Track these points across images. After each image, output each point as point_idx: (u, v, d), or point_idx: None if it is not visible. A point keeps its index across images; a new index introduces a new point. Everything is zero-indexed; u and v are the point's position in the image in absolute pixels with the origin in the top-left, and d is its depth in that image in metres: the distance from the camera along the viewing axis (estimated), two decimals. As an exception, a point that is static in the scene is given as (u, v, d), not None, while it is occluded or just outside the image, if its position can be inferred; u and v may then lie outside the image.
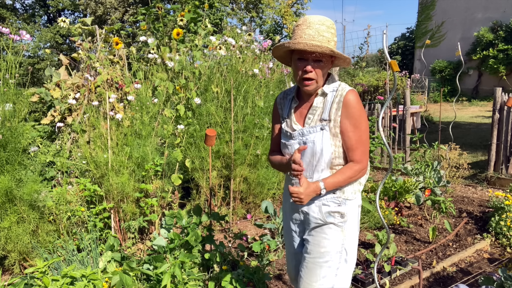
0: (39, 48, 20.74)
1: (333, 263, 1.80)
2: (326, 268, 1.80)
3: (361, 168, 1.75)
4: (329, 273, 1.80)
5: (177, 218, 2.98)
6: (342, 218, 1.80)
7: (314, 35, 1.68)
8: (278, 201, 4.93)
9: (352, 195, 1.81)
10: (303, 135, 1.80)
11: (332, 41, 1.71)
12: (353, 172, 1.74)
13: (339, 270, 1.81)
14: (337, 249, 1.80)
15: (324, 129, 1.74)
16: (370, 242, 3.78)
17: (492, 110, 5.81)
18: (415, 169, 4.96)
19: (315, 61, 1.71)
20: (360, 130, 1.73)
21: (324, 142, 1.74)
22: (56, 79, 4.38)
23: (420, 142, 6.22)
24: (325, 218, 1.80)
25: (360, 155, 1.74)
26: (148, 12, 4.97)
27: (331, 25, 1.72)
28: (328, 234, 1.80)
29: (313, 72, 1.71)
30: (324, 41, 1.68)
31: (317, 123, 1.77)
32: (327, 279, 1.80)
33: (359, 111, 1.72)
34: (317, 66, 1.71)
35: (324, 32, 1.69)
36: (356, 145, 1.73)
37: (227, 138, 4.27)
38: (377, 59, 20.81)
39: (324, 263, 1.80)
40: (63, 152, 3.85)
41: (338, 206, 1.79)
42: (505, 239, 3.76)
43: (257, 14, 16.69)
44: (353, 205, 1.83)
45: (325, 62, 1.72)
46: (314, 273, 1.81)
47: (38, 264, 2.30)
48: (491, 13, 18.08)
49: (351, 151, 1.74)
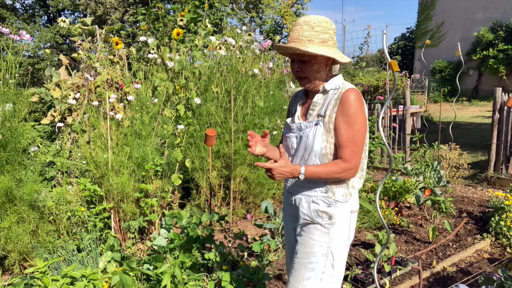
0: (39, 48, 20.75)
1: (318, 266, 1.77)
2: (310, 270, 1.77)
3: (347, 168, 1.70)
4: (313, 275, 1.77)
5: (177, 218, 2.98)
6: (330, 220, 1.76)
7: (294, 36, 1.72)
8: (278, 201, 4.93)
9: (343, 198, 1.77)
10: (300, 130, 1.82)
11: (317, 38, 1.70)
12: (338, 168, 1.69)
13: (325, 275, 1.78)
14: (322, 251, 1.77)
15: (318, 124, 1.75)
16: (370, 242, 3.78)
17: (492, 110, 5.81)
18: (415, 169, 4.96)
19: (300, 61, 1.76)
20: (353, 129, 1.69)
21: (316, 137, 1.74)
22: (56, 79, 4.38)
23: (420, 142, 6.22)
24: (312, 216, 1.78)
25: (349, 154, 1.69)
26: (148, 12, 4.97)
27: (318, 23, 1.70)
28: (314, 235, 1.78)
29: (301, 71, 1.77)
30: (303, 41, 1.69)
31: (315, 118, 1.78)
32: (310, 281, 1.77)
33: (355, 110, 1.69)
34: (303, 65, 1.75)
35: (305, 31, 1.70)
36: (346, 143, 1.70)
37: (227, 138, 4.27)
38: (377, 59, 20.82)
39: (309, 263, 1.78)
40: (63, 152, 3.85)
41: (327, 207, 1.76)
42: (505, 239, 3.76)
43: (257, 14, 16.70)
44: (344, 209, 1.78)
45: (311, 62, 1.74)
46: (299, 273, 1.80)
47: (38, 264, 2.30)
48: (491, 13, 18.09)
49: (341, 148, 1.71)
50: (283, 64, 5.37)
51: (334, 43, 1.78)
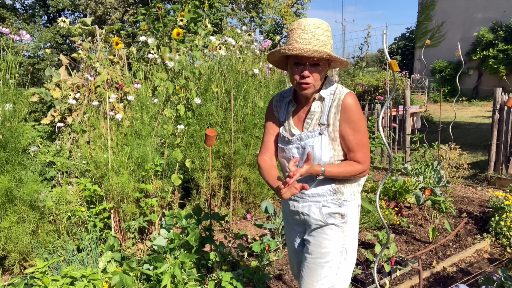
0: (39, 48, 20.76)
1: (334, 263, 1.82)
2: (327, 268, 1.81)
3: (363, 169, 1.76)
4: (330, 273, 1.81)
5: (177, 218, 2.98)
6: (343, 219, 1.82)
7: (310, 39, 1.64)
8: (278, 201, 4.93)
9: (351, 197, 1.82)
10: (301, 140, 1.79)
11: (329, 44, 1.68)
12: (354, 170, 1.75)
13: (340, 270, 1.83)
14: (338, 249, 1.82)
15: (322, 134, 1.74)
16: (370, 242, 3.78)
17: (492, 110, 5.81)
18: (415, 169, 4.96)
19: (312, 66, 1.68)
20: (360, 133, 1.73)
21: (323, 147, 1.74)
22: (56, 79, 4.38)
23: (420, 142, 6.22)
24: (325, 219, 1.81)
25: (362, 157, 1.75)
26: (148, 12, 4.97)
27: (326, 28, 1.69)
28: (329, 235, 1.82)
29: (310, 77, 1.69)
30: (320, 45, 1.64)
31: (315, 127, 1.76)
32: (328, 279, 1.81)
33: (358, 114, 1.72)
34: (315, 70, 1.68)
35: (320, 35, 1.65)
36: (357, 147, 1.74)
37: (227, 138, 4.27)
38: (377, 59, 20.80)
39: (326, 263, 1.81)
40: (63, 152, 3.85)
41: (338, 207, 1.80)
42: (505, 239, 3.76)
43: (257, 14, 16.71)
44: (353, 205, 1.84)
45: (322, 66, 1.69)
46: (316, 273, 1.82)
47: (38, 264, 2.30)
48: (491, 13, 18.09)
49: (352, 152, 1.75)
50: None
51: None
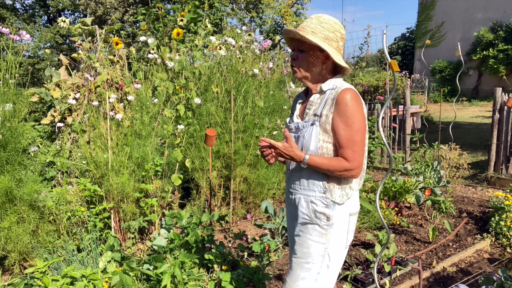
0: (39, 48, 20.77)
1: (314, 266, 1.78)
2: (306, 270, 1.79)
3: (349, 167, 1.70)
4: (308, 275, 1.78)
5: (177, 218, 2.98)
6: (328, 221, 1.76)
7: (301, 25, 1.79)
8: (278, 201, 4.93)
9: (340, 199, 1.76)
10: (297, 129, 1.84)
11: (321, 33, 1.75)
12: (339, 165, 1.70)
13: (320, 276, 1.79)
14: (320, 252, 1.78)
15: (314, 124, 1.76)
16: (370, 242, 3.78)
17: (492, 110, 5.81)
18: (415, 169, 4.96)
19: (299, 51, 1.81)
20: (351, 129, 1.69)
21: (312, 137, 1.75)
22: (56, 79, 4.38)
23: (420, 142, 6.22)
24: (311, 215, 1.79)
25: (350, 154, 1.69)
26: (148, 12, 4.97)
27: (327, 21, 1.77)
28: (312, 235, 1.79)
29: (296, 61, 1.82)
30: (307, 30, 1.76)
31: (311, 118, 1.79)
32: (306, 281, 1.78)
33: (352, 110, 1.69)
34: (301, 56, 1.80)
35: (313, 24, 1.77)
36: (346, 143, 1.70)
37: (227, 138, 4.27)
38: (377, 59, 20.79)
39: (305, 263, 1.79)
40: (63, 152, 3.85)
41: (325, 207, 1.76)
42: (505, 239, 3.76)
43: (257, 14, 16.71)
44: (342, 211, 1.78)
45: (307, 53, 1.78)
46: (295, 273, 1.82)
47: (38, 264, 2.30)
48: (491, 13, 18.09)
49: (341, 149, 1.72)
50: (283, 64, 5.37)
51: (339, 47, 1.80)
